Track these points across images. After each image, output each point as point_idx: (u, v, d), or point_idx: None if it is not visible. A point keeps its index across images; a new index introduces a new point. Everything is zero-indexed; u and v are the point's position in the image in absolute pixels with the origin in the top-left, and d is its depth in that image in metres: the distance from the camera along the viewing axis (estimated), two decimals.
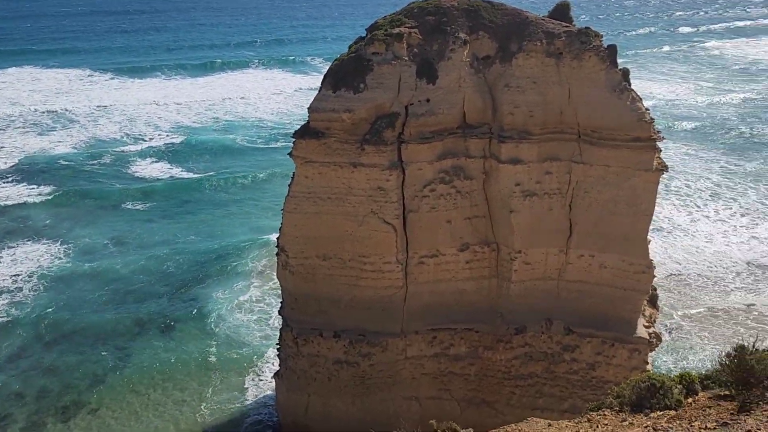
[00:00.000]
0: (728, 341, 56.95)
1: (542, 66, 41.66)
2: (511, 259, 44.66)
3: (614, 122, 40.84)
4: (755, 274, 70.45)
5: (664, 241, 76.19)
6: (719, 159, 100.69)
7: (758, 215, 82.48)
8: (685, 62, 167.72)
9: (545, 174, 43.12)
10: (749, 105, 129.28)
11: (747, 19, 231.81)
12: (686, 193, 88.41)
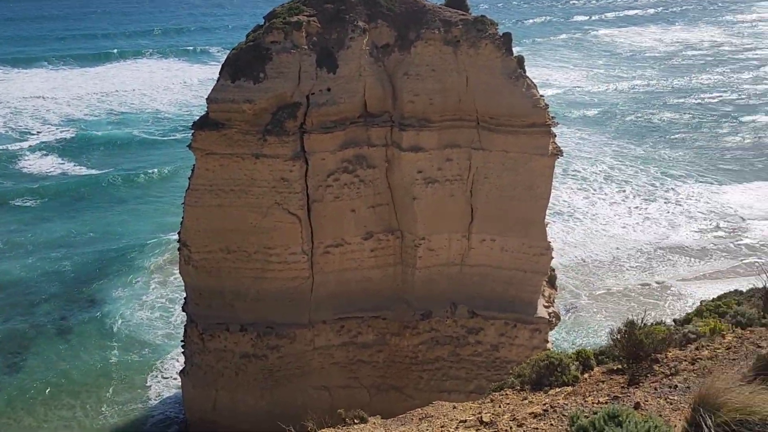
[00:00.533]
0: (623, 317, 59.81)
1: (440, 54, 42.33)
2: (415, 245, 45.30)
3: (511, 109, 42.00)
4: (649, 253, 74.08)
5: (564, 225, 78.99)
6: (611, 143, 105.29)
7: (649, 196, 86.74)
8: (580, 50, 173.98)
9: (446, 161, 43.90)
10: (638, 91, 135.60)
11: (636, 8, 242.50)
12: (583, 177, 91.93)
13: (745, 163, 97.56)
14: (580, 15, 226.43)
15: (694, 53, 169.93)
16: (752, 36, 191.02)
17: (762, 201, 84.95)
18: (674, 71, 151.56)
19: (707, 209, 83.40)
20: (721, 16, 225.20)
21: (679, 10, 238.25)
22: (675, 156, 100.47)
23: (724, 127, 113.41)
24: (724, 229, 79.01)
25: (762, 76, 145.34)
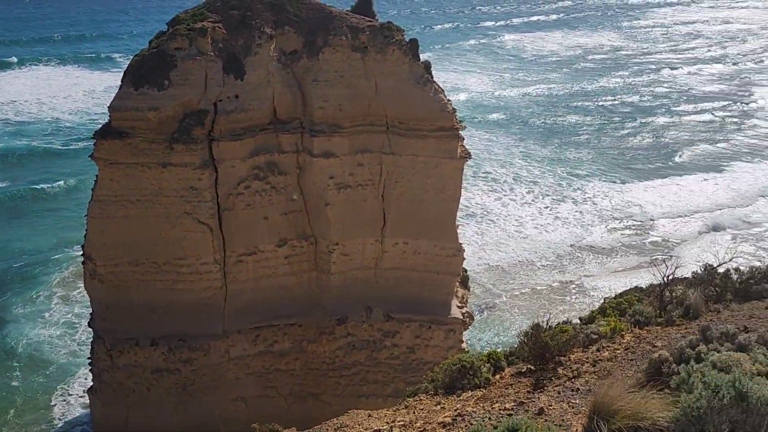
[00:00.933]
0: (535, 316, 61.47)
1: (348, 60, 42.45)
2: (329, 251, 45.23)
3: (419, 113, 42.54)
4: (560, 252, 76.26)
5: (478, 226, 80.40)
6: (519, 145, 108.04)
7: (558, 196, 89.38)
8: (488, 55, 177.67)
9: (358, 166, 44.05)
10: (544, 94, 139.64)
11: (540, 14, 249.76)
12: (493, 179, 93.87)
13: (647, 162, 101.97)
14: (487, 21, 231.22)
15: (596, 57, 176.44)
16: (648, 41, 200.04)
17: (664, 198, 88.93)
18: (578, 75, 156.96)
19: (613, 207, 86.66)
20: (619, 22, 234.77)
21: (582, 16, 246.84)
22: (580, 156, 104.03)
23: (625, 128, 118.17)
24: (630, 227, 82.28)
25: (659, 80, 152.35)
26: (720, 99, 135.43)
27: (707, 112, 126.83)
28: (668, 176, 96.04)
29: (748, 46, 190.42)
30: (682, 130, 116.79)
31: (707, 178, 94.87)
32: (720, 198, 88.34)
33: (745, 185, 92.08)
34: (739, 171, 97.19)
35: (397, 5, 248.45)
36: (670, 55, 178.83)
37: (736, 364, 9.36)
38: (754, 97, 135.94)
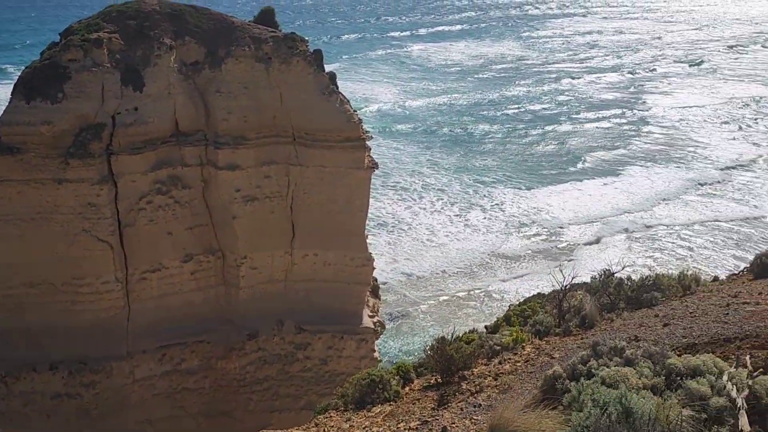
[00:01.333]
0: (447, 322, 62.36)
1: (252, 71, 41.89)
2: (237, 265, 44.43)
3: (325, 124, 42.42)
4: (471, 259, 77.32)
5: (390, 236, 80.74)
6: (426, 153, 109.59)
7: (465, 204, 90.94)
8: (396, 65, 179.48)
9: (264, 178, 43.49)
10: (450, 104, 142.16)
11: (445, 25, 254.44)
12: (402, 188, 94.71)
13: (551, 168, 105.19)
14: (394, 31, 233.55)
15: (499, 67, 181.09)
16: (548, 50, 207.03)
17: (568, 203, 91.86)
18: (483, 84, 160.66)
19: (521, 213, 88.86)
20: (520, 32, 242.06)
21: (485, 27, 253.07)
22: (486, 164, 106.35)
23: (529, 135, 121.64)
24: (537, 232, 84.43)
25: (560, 88, 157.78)
26: (617, 106, 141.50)
27: (606, 119, 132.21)
28: (571, 182, 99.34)
29: (641, 55, 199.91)
30: (583, 136, 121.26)
31: (607, 183, 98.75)
32: (620, 202, 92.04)
33: (642, 189, 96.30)
34: (637, 176, 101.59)
35: (303, 15, 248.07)
36: (569, 65, 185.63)
37: (624, 379, 9.63)
38: (648, 104, 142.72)
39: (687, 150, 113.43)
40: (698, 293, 16.73)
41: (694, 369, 10.19)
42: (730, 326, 13.22)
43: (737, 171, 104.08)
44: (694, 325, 13.84)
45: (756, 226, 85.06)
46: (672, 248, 79.46)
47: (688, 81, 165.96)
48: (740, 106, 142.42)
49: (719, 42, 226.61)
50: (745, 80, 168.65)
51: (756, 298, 14.73)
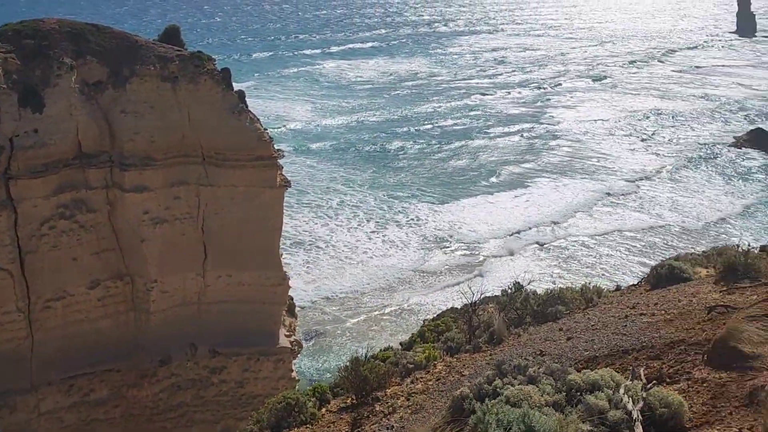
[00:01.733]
0: (365, 339, 62.42)
1: (158, 90, 40.93)
2: (148, 289, 43.10)
3: (235, 143, 41.84)
4: (388, 275, 77.32)
5: (308, 255, 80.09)
6: (339, 170, 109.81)
7: (381, 220, 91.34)
8: (310, 83, 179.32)
9: (174, 199, 42.46)
10: (363, 121, 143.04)
11: (358, 42, 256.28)
12: (318, 205, 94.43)
13: (464, 183, 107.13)
14: (306, 49, 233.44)
15: (412, 83, 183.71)
16: (459, 67, 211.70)
17: (481, 216, 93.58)
18: (396, 101, 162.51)
19: (436, 228, 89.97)
20: (431, 50, 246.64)
21: (396, 44, 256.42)
22: (400, 179, 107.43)
23: (443, 151, 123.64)
24: (450, 246, 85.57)
25: (472, 104, 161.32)
26: (526, 121, 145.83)
27: (516, 133, 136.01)
28: (484, 195, 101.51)
29: (547, 71, 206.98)
30: (495, 151, 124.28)
31: (518, 196, 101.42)
32: (531, 215, 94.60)
33: (552, 201, 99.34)
34: (547, 188, 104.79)
35: (212, 33, 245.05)
36: (479, 80, 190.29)
37: (527, 397, 9.85)
38: (555, 119, 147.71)
39: (593, 162, 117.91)
40: (600, 305, 17.34)
41: (593, 384, 10.53)
42: (628, 338, 13.75)
43: (642, 182, 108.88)
44: (595, 338, 14.31)
45: (659, 234, 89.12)
46: (581, 257, 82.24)
47: (591, 95, 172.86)
48: (640, 119, 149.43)
49: (619, 57, 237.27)
50: (642, 93, 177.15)
51: (652, 309, 15.38)
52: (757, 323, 11.93)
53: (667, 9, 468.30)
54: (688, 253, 24.42)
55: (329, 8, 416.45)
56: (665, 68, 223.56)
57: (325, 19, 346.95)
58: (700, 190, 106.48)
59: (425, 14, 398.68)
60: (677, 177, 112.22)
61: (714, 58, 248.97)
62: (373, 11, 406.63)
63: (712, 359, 11.56)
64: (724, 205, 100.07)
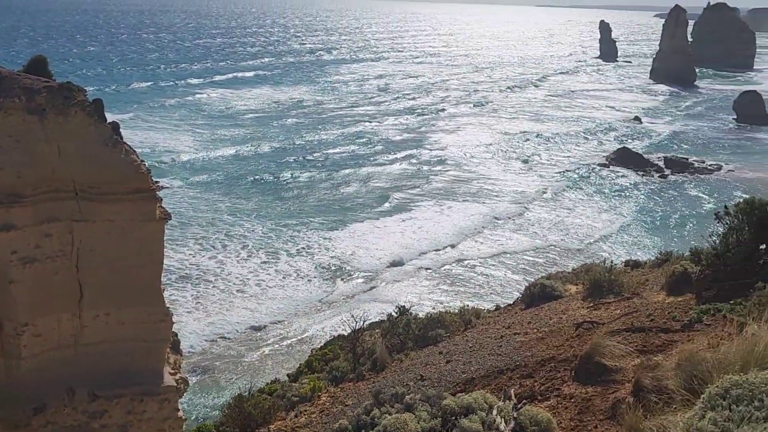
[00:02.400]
0: (255, 373, 61.04)
1: (24, 124, 38.66)
2: (18, 333, 40.23)
3: (111, 176, 40.06)
4: (281, 307, 75.35)
5: (196, 289, 77.35)
6: (224, 201, 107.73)
7: (271, 250, 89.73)
8: (194, 113, 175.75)
9: (45, 237, 40.01)
10: (249, 150, 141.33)
11: (244, 71, 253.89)
12: (203, 237, 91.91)
13: (354, 210, 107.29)
14: (189, 78, 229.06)
15: (299, 111, 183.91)
16: (344, 95, 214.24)
17: (374, 242, 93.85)
18: (283, 130, 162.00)
19: (329, 255, 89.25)
20: (317, 77, 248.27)
21: (280, 72, 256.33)
22: (288, 207, 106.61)
23: (332, 178, 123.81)
24: (343, 273, 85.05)
25: (359, 131, 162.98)
26: (412, 147, 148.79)
27: (403, 159, 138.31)
28: (374, 221, 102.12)
29: (430, 97, 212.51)
30: (383, 177, 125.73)
31: (406, 220, 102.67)
32: (420, 239, 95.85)
33: (440, 226, 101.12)
34: (434, 212, 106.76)
35: (88, 64, 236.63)
36: (366, 108, 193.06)
37: (403, 426, 9.85)
38: (441, 144, 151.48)
39: (479, 185, 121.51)
40: (478, 326, 17.70)
41: (467, 407, 10.68)
42: (503, 358, 14.06)
43: (525, 203, 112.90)
44: (472, 360, 14.55)
45: (542, 253, 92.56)
46: (469, 280, 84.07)
47: (473, 120, 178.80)
48: (521, 142, 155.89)
49: (496, 83, 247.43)
50: (521, 117, 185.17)
51: (525, 328, 15.84)
52: (619, 337, 12.47)
53: (537, 37, 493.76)
54: (559, 271, 25.43)
55: (209, 37, 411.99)
56: (540, 92, 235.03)
57: (206, 47, 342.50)
58: (580, 209, 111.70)
59: (308, 42, 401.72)
60: (558, 197, 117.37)
61: (585, 83, 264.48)
62: (254, 40, 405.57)
63: (579, 375, 11.98)
64: (602, 224, 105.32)
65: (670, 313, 15.91)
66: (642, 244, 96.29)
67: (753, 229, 16.56)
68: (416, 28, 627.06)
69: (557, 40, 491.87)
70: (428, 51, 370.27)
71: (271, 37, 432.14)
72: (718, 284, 16.70)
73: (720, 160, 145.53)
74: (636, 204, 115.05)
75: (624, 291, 17.04)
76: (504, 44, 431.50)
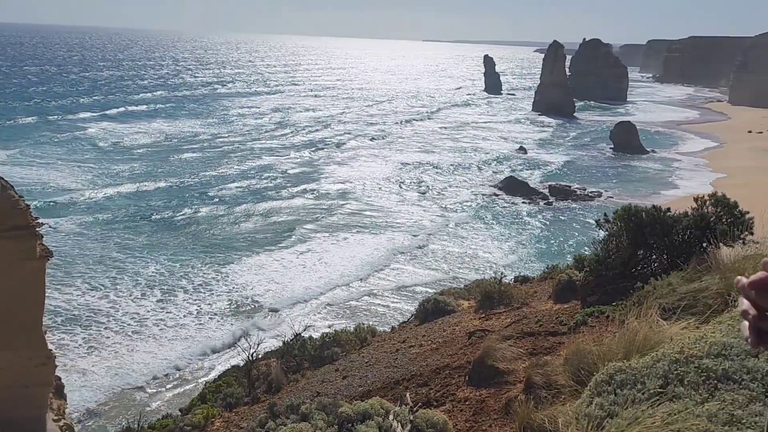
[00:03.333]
0: (152, 414, 58.35)
1: None
2: None
3: None
4: (180, 348, 71.38)
5: (86, 332, 72.19)
6: (113, 236, 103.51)
7: (167, 286, 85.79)
8: (83, 148, 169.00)
9: None
10: (142, 185, 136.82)
11: (137, 104, 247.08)
12: (91, 276, 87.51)
13: (256, 244, 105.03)
14: (79, 112, 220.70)
15: (198, 146, 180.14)
16: (243, 128, 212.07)
17: (274, 276, 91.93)
18: (180, 164, 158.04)
19: (228, 290, 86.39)
20: (214, 111, 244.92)
21: (175, 105, 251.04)
22: (182, 242, 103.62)
23: (233, 213, 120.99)
24: (243, 308, 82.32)
25: (261, 165, 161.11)
26: (313, 180, 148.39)
27: (306, 192, 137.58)
28: (273, 255, 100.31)
29: (328, 131, 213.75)
30: (285, 211, 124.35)
31: (304, 253, 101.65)
32: (322, 273, 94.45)
33: (343, 259, 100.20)
34: (335, 246, 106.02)
35: None
36: (266, 142, 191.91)
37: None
38: (342, 177, 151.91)
39: (380, 219, 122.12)
40: (373, 344, 17.67)
41: (364, 413, 10.55)
42: (398, 369, 14.06)
43: (426, 235, 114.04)
44: (368, 374, 14.48)
45: (442, 285, 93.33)
46: (370, 312, 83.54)
47: (372, 152, 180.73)
48: (418, 173, 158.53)
49: (392, 116, 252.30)
50: (417, 149, 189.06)
51: (420, 341, 15.93)
52: (510, 341, 12.72)
53: (428, 71, 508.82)
54: (452, 287, 25.84)
55: (96, 69, 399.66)
56: (434, 124, 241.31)
57: (93, 80, 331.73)
58: (478, 239, 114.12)
59: (201, 75, 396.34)
60: (455, 228, 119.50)
61: (474, 115, 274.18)
62: (145, 72, 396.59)
63: (473, 379, 12.11)
64: (499, 252, 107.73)
65: (558, 318, 16.46)
66: (533, 268, 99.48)
67: (630, 235, 17.52)
68: (309, 62, 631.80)
69: (447, 74, 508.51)
70: (324, 84, 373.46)
71: (162, 70, 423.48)
72: (602, 289, 17.48)
73: (600, 187, 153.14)
74: (526, 230, 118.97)
75: (514, 302, 17.50)
76: (396, 78, 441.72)
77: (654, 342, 9.95)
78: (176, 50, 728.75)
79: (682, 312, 11.30)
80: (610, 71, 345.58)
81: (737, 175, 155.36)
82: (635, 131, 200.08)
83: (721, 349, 8.77)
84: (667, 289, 13.83)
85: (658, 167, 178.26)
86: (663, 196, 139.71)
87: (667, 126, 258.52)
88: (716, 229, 16.88)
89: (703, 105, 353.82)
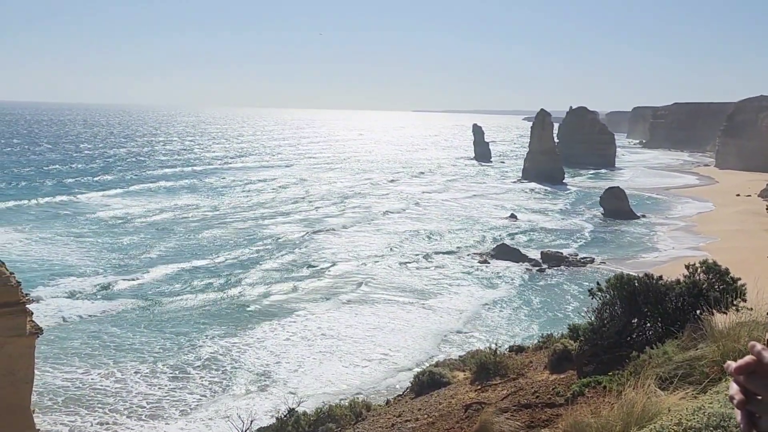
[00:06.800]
0: None
1: None
2: None
3: None
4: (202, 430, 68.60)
5: (92, 415, 68.03)
6: (103, 308, 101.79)
7: (175, 362, 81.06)
8: (84, 223, 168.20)
9: None
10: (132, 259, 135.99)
11: (135, 183, 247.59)
12: (87, 354, 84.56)
13: (253, 316, 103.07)
14: (93, 191, 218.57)
15: (190, 217, 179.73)
16: (237, 199, 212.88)
17: (245, 354, 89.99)
18: (163, 234, 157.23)
19: (240, 366, 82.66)
20: (205, 181, 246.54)
21: (169, 182, 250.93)
22: (180, 315, 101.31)
23: (232, 283, 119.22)
24: (255, 385, 78.56)
25: (254, 233, 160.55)
26: (299, 247, 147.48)
27: (288, 257, 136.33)
28: (242, 335, 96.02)
29: (351, 202, 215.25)
30: (299, 291, 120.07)
31: (277, 327, 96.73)
32: (295, 348, 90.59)
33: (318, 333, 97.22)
34: (301, 320, 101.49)
35: None
36: (262, 210, 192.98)
37: None
38: (332, 250, 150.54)
39: (373, 290, 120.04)
40: (369, 418, 17.31)
41: None
42: None
43: (422, 301, 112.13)
44: None
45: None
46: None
47: (361, 228, 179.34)
48: (413, 243, 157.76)
49: (377, 185, 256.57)
50: (416, 217, 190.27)
51: (416, 414, 15.63)
52: (507, 414, 12.50)
53: (424, 141, 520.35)
54: (447, 358, 25.52)
55: (110, 146, 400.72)
56: (430, 192, 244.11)
57: (112, 157, 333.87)
58: (470, 304, 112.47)
59: (214, 150, 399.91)
60: (456, 291, 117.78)
61: (466, 183, 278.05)
62: (159, 148, 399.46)
63: None
64: (503, 320, 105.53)
65: (554, 389, 16.24)
66: (527, 334, 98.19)
67: (624, 303, 17.51)
68: (315, 134, 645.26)
69: (443, 145, 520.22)
70: (304, 152, 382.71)
71: (173, 145, 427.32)
72: (597, 358, 17.34)
73: (592, 252, 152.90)
74: (519, 297, 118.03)
75: (509, 372, 17.29)
76: (397, 149, 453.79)
77: (652, 413, 9.82)
78: (178, 125, 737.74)
79: (679, 381, 11.20)
80: (597, 137, 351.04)
81: (728, 239, 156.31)
82: (625, 196, 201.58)
83: (720, 421, 8.65)
84: (662, 357, 13.74)
85: (649, 232, 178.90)
86: (656, 261, 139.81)
87: (656, 191, 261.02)
88: (709, 296, 16.90)
89: (691, 170, 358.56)
